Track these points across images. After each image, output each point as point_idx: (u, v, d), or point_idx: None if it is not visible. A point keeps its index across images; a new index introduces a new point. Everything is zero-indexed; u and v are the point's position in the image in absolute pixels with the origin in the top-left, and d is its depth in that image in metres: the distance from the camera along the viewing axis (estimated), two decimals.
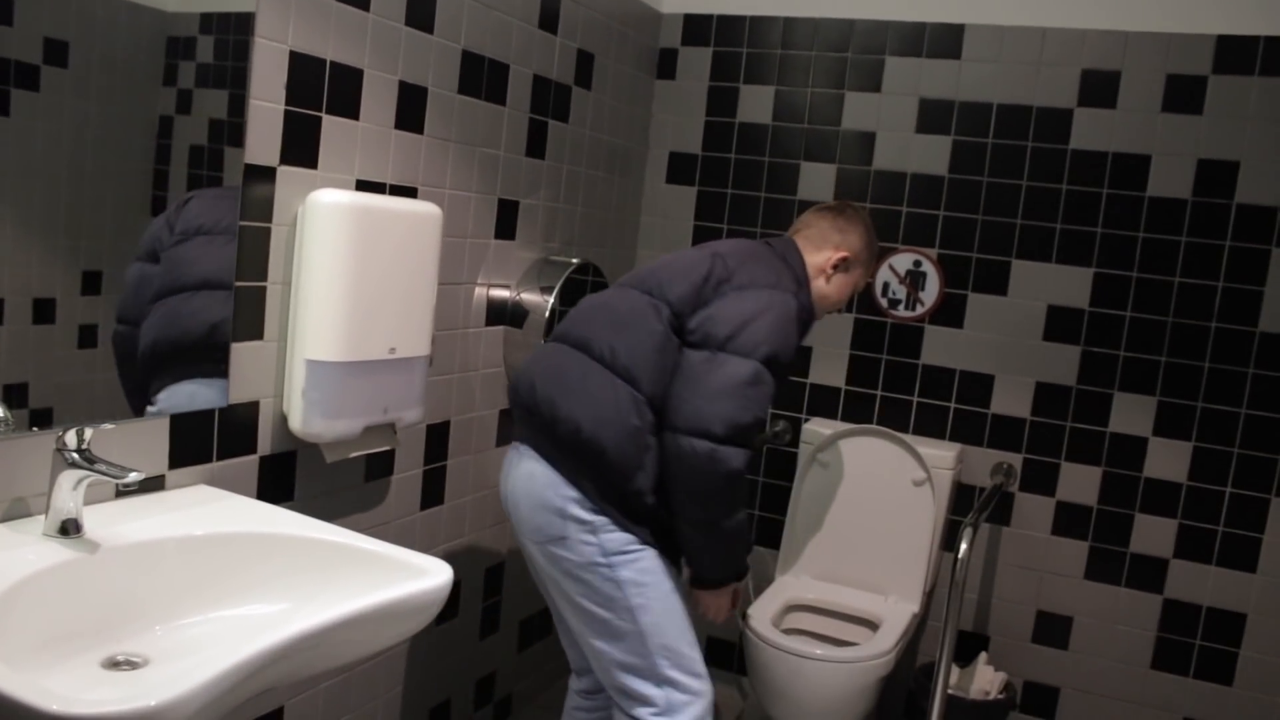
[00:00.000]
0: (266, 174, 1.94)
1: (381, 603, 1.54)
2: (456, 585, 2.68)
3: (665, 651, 2.12)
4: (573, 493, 2.08)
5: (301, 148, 2.01)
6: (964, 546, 2.37)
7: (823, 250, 2.33)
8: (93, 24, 1.63)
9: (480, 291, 2.62)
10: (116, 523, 1.63)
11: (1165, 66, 2.85)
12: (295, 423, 2.02)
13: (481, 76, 2.50)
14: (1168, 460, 2.92)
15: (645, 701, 2.14)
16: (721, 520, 2.05)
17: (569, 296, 2.77)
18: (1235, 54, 2.79)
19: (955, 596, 2.38)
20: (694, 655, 2.17)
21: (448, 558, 2.53)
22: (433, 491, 2.55)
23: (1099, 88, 2.91)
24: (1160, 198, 2.87)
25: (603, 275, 2.94)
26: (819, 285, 2.33)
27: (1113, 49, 2.89)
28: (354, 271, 2.01)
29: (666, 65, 3.33)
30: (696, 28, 3.29)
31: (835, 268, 2.33)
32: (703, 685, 2.17)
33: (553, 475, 2.10)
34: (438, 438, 2.54)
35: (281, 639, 1.35)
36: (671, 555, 2.19)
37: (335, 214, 1.98)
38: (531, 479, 2.14)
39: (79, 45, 1.60)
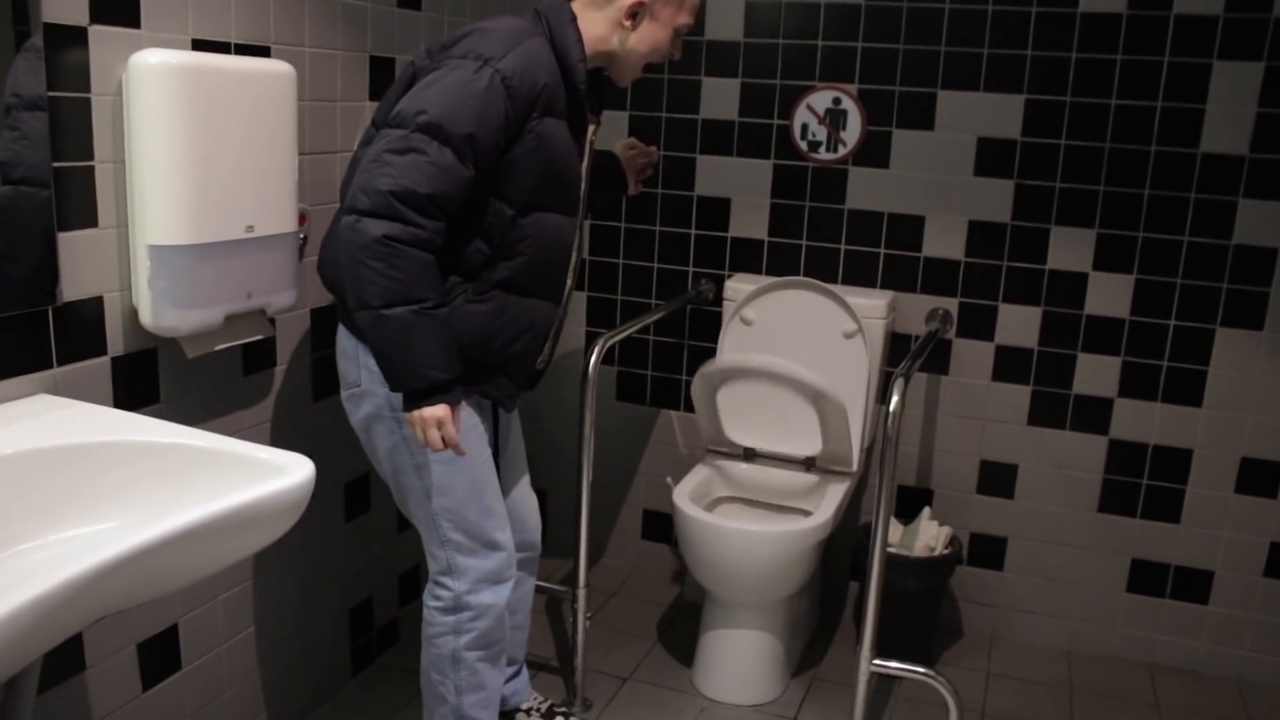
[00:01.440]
0: (75, 35, 1.68)
1: (225, 510, 1.35)
2: (365, 477, 2.53)
3: (447, 514, 2.04)
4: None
5: (116, 4, 1.75)
6: (895, 398, 2.21)
7: (611, 1, 2.00)
8: None
9: None
10: None
11: None
12: (145, 316, 1.82)
13: None
14: (1109, 295, 2.77)
15: (434, 560, 2.10)
16: (373, 303, 1.77)
17: None
18: None
19: (890, 452, 2.23)
20: (484, 521, 2.07)
21: (349, 450, 2.37)
22: (326, 380, 2.36)
23: None
24: (1093, 13, 2.65)
25: None
26: (620, 42, 2.01)
27: None
28: (193, 142, 1.78)
29: None
30: None
31: (633, 18, 1.99)
32: (489, 552, 2.08)
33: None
34: (326, 321, 2.33)
35: (91, 565, 1.17)
36: (502, 403, 2.11)
37: (164, 77, 1.74)
38: (338, 329, 2.05)
39: None
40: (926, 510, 2.89)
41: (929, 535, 2.83)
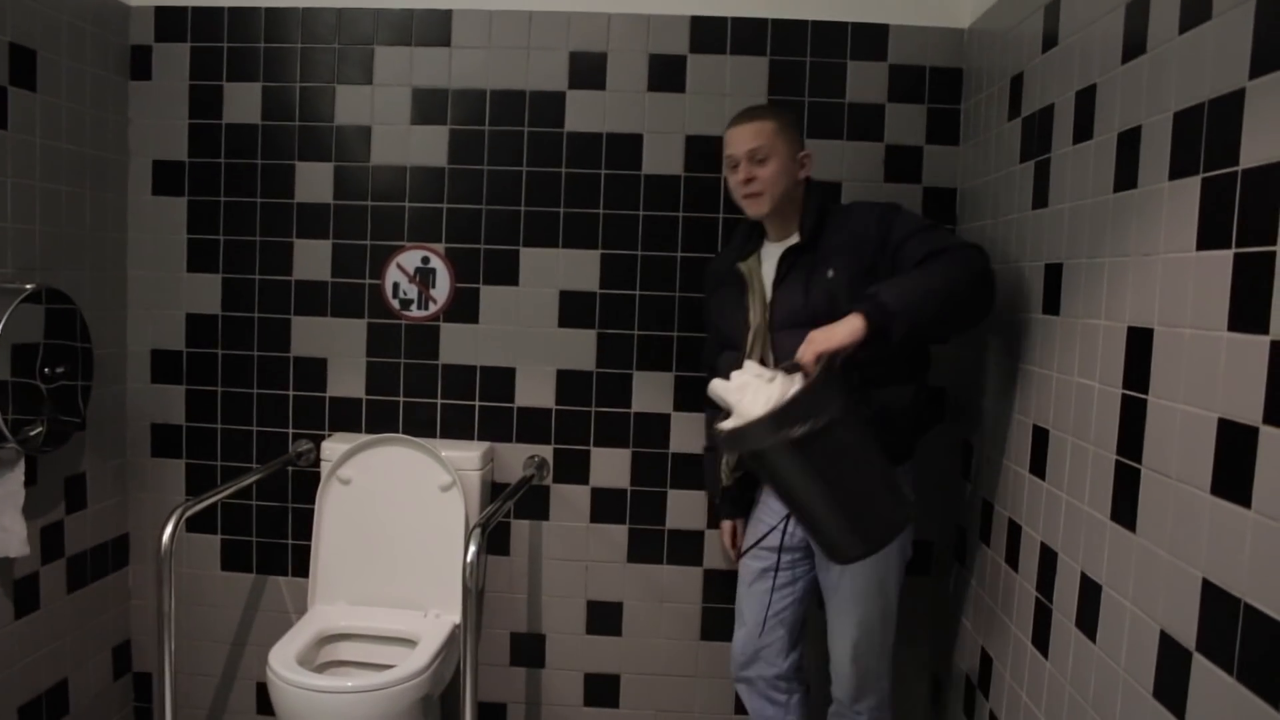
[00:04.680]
0: None
1: None
2: None
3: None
4: None
5: None
6: (471, 549, 2.25)
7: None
8: None
9: None
10: None
11: (647, 47, 2.88)
12: None
13: None
14: (690, 434, 2.96)
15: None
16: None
17: (20, 328, 2.43)
18: (708, 34, 2.86)
19: (470, 606, 2.26)
20: None
21: None
22: None
23: (588, 70, 2.90)
24: (655, 175, 2.89)
25: (70, 300, 2.60)
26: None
27: (597, 31, 2.89)
28: None
29: (140, 64, 3.01)
30: (171, 22, 2.99)
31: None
32: None
33: None
34: None
35: None
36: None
37: None
38: None
39: None
40: None
41: None
